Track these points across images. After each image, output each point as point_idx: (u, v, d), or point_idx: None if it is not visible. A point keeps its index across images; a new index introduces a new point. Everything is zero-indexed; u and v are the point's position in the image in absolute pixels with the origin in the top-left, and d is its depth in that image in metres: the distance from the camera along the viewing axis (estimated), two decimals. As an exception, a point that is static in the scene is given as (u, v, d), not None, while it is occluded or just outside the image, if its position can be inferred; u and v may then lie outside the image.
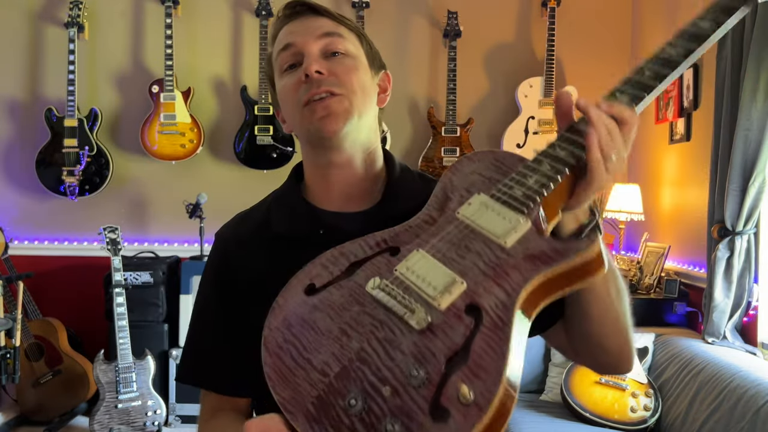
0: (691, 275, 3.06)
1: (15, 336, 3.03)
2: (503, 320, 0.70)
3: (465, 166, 0.89)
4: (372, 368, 0.72)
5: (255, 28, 3.80)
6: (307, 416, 0.72)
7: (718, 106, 2.63)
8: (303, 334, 0.78)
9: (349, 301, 0.79)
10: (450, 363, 0.69)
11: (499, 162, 0.87)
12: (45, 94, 3.90)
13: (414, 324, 0.73)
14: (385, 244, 0.84)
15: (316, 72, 0.93)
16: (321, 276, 0.83)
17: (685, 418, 2.35)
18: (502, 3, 3.94)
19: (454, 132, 3.76)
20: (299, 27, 0.97)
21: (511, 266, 0.75)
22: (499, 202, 0.81)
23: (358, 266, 0.83)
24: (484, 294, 0.73)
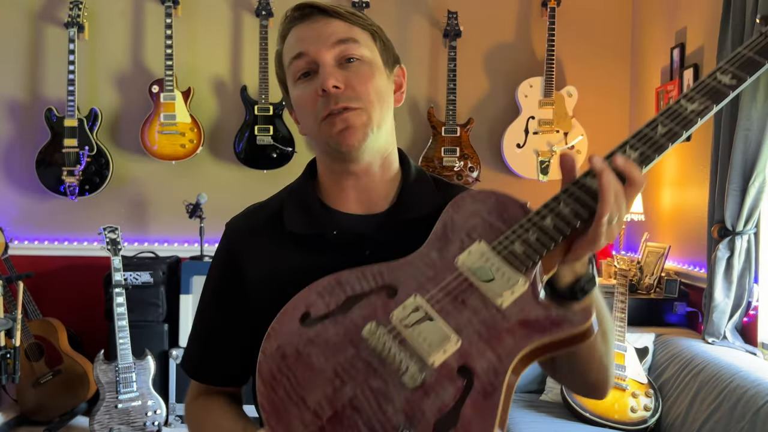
0: (691, 275, 3.06)
1: (15, 336, 3.03)
2: (494, 386, 0.72)
3: (467, 204, 0.89)
4: (364, 418, 0.74)
5: (255, 28, 3.80)
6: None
7: (718, 106, 2.62)
8: (297, 368, 0.80)
9: (344, 342, 0.80)
10: (438, 424, 0.71)
11: (501, 207, 0.87)
12: (45, 94, 3.90)
13: (407, 381, 0.75)
14: (382, 279, 0.85)
15: (333, 87, 0.92)
16: (317, 305, 0.84)
17: (685, 418, 2.35)
18: (502, 3, 3.94)
19: (454, 132, 3.76)
20: (311, 33, 0.95)
21: (505, 330, 0.76)
22: (500, 257, 0.81)
23: (355, 301, 0.83)
24: (476, 356, 0.75)
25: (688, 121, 0.82)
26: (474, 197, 0.89)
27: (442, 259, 0.84)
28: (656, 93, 3.47)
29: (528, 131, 3.76)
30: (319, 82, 0.93)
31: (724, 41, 2.59)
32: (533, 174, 3.75)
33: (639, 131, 0.84)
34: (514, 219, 0.84)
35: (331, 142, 0.94)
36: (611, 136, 3.93)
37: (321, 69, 0.93)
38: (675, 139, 0.82)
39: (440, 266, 0.83)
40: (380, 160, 1.00)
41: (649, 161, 0.82)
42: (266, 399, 0.78)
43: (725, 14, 2.60)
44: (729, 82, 0.82)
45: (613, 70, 3.93)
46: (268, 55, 3.74)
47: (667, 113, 0.83)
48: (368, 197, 1.00)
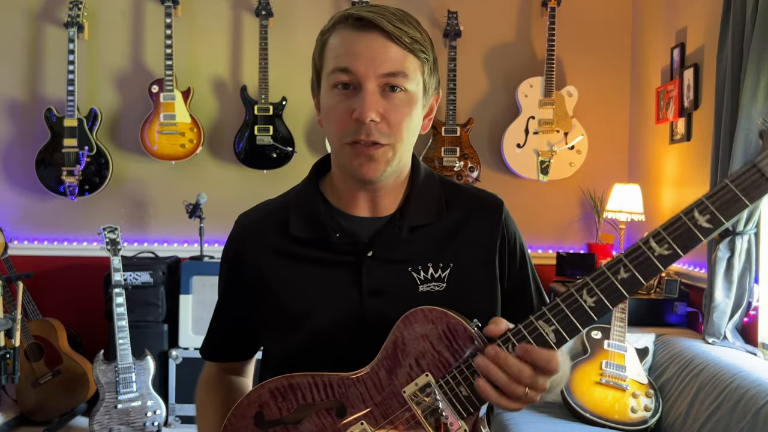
0: (692, 275, 3.06)
1: (15, 336, 3.02)
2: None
3: (419, 325, 0.90)
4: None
5: (255, 28, 3.79)
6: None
7: (718, 106, 2.63)
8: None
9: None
10: None
11: (451, 335, 0.88)
12: (45, 94, 3.90)
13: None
14: (333, 394, 0.90)
15: (371, 120, 0.91)
16: (269, 407, 0.91)
17: (685, 419, 2.35)
18: (502, 3, 3.93)
19: (454, 132, 3.76)
20: (365, 50, 0.91)
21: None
22: (446, 398, 0.86)
23: (305, 412, 0.90)
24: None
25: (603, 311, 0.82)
26: (426, 316, 0.90)
27: (390, 384, 0.89)
28: (656, 93, 3.47)
29: (528, 131, 3.76)
30: (359, 110, 0.91)
31: (724, 41, 2.59)
32: (533, 174, 3.75)
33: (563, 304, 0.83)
34: (462, 351, 0.87)
35: (349, 167, 0.96)
36: (611, 136, 3.93)
37: (364, 94, 0.91)
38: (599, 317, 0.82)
39: (388, 392, 0.89)
40: (393, 177, 1.01)
41: (564, 341, 0.83)
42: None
43: (725, 14, 2.60)
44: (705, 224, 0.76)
45: (613, 70, 3.93)
46: (268, 55, 3.74)
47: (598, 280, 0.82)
48: (377, 203, 1.02)
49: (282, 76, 3.83)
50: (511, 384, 0.82)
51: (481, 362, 0.83)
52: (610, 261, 0.81)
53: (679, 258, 0.78)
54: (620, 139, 3.95)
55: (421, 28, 0.97)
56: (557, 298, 0.83)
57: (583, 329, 0.82)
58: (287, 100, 3.79)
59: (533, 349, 0.82)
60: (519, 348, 0.82)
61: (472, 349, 0.86)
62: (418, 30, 0.96)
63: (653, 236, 0.78)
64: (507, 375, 0.82)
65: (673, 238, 0.77)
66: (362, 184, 0.99)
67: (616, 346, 2.65)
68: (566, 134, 3.73)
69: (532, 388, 0.83)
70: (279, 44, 3.83)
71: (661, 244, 0.77)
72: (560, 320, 0.82)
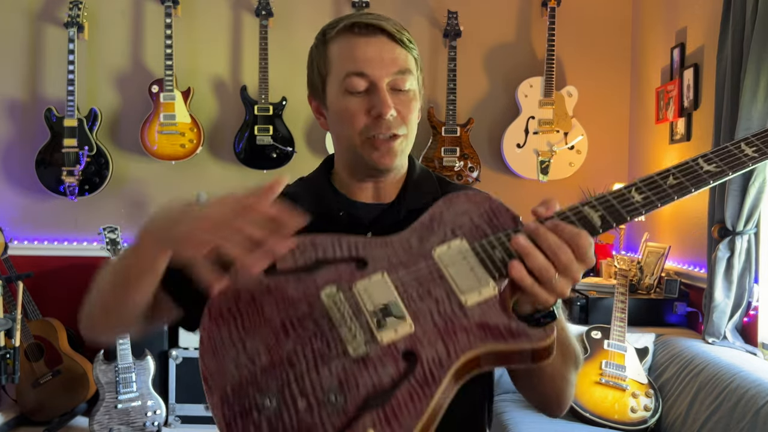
0: (692, 275, 3.06)
1: (15, 336, 3.03)
2: (434, 377, 0.72)
3: (460, 203, 0.89)
4: (296, 374, 0.74)
5: (255, 28, 3.79)
6: (222, 396, 0.74)
7: (718, 106, 2.63)
8: (247, 312, 0.80)
9: (300, 299, 0.80)
10: (369, 399, 0.71)
11: (493, 214, 0.86)
12: (45, 94, 3.90)
13: (350, 349, 0.74)
14: (356, 251, 0.85)
15: (390, 115, 0.99)
16: (285, 260, 0.84)
17: (685, 419, 2.35)
18: (502, 3, 3.93)
19: (454, 132, 3.76)
20: (375, 54, 1.00)
21: (462, 327, 0.76)
22: (477, 258, 0.81)
23: (323, 265, 0.84)
24: (426, 345, 0.74)
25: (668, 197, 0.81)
26: (469, 198, 0.89)
27: (420, 247, 0.85)
28: (656, 93, 3.47)
29: (528, 131, 3.76)
30: (378, 107, 0.98)
31: (724, 41, 2.59)
32: (533, 174, 3.75)
33: (615, 192, 0.83)
34: (503, 228, 0.83)
35: (369, 161, 1.02)
36: (611, 136, 3.93)
37: (379, 94, 0.99)
38: (650, 209, 0.81)
39: (416, 252, 0.84)
40: (399, 169, 1.08)
41: (608, 227, 0.81)
42: (207, 334, 0.79)
43: (725, 14, 2.60)
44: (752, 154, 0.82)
45: (613, 70, 3.93)
46: (268, 55, 3.74)
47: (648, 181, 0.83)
48: (379, 192, 1.09)
49: (282, 76, 3.83)
50: (545, 265, 0.77)
51: (520, 240, 0.78)
52: (660, 171, 0.83)
53: (725, 177, 0.81)
54: (620, 139, 3.95)
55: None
56: (605, 194, 0.83)
57: (629, 219, 0.81)
58: (287, 100, 3.79)
59: (575, 229, 0.78)
60: (561, 225, 0.79)
61: (513, 227, 0.83)
62: (407, 30, 1.06)
63: (701, 157, 0.83)
64: (544, 254, 0.77)
65: (720, 159, 0.82)
66: (377, 174, 1.05)
67: (616, 346, 2.65)
68: (566, 134, 3.73)
69: (566, 274, 0.77)
70: (279, 44, 3.83)
71: (710, 162, 0.82)
72: (606, 208, 0.81)
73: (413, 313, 0.77)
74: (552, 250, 0.77)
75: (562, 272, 0.77)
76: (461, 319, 0.76)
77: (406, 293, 0.79)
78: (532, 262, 0.77)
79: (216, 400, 0.74)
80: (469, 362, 0.74)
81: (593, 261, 0.79)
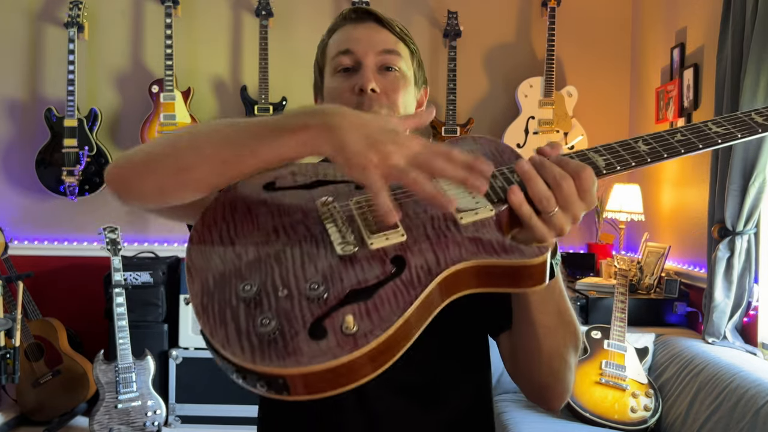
0: (692, 275, 3.06)
1: (15, 336, 3.03)
2: (420, 281, 0.70)
3: (467, 143, 0.91)
4: (281, 270, 0.72)
5: (255, 28, 3.80)
6: (203, 284, 0.73)
7: (718, 106, 2.63)
8: (241, 221, 0.80)
9: (295, 208, 0.81)
10: (352, 293, 0.69)
11: (498, 153, 0.87)
12: (45, 94, 3.90)
13: (339, 249, 0.74)
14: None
15: (371, 90, 0.99)
16: (285, 179, 0.86)
17: (685, 419, 2.35)
18: (502, 3, 3.94)
19: (454, 132, 3.76)
20: (363, 35, 1.04)
21: (454, 241, 0.74)
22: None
23: (322, 184, 0.85)
24: (416, 253, 0.73)
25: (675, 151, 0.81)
26: (476, 140, 0.91)
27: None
28: (656, 93, 3.47)
29: (528, 131, 3.76)
30: (360, 81, 1.00)
31: (724, 41, 2.59)
32: (533, 174, 3.75)
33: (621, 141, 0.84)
34: (506, 164, 0.83)
35: None
36: (611, 136, 3.93)
37: (363, 70, 1.01)
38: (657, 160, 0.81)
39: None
40: None
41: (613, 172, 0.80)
42: (198, 235, 0.78)
43: (725, 14, 2.60)
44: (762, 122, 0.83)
45: (613, 69, 3.93)
46: (268, 55, 3.74)
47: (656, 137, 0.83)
48: None
49: (282, 76, 3.83)
50: (546, 194, 0.74)
51: (524, 165, 0.76)
52: (667, 129, 0.84)
53: (734, 139, 0.81)
54: (620, 140, 3.94)
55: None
56: (611, 143, 0.83)
57: (635, 166, 0.80)
58: (287, 100, 3.79)
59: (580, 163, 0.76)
60: (565, 159, 0.77)
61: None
62: (407, 29, 1.09)
63: (710, 121, 0.84)
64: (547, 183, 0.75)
65: (729, 123, 0.83)
66: None
67: (616, 346, 2.66)
68: (566, 134, 3.73)
69: (566, 209, 0.75)
70: (279, 44, 3.83)
71: (718, 125, 0.83)
72: (612, 153, 0.81)
73: (407, 226, 0.76)
74: (555, 179, 0.75)
75: (562, 205, 0.75)
76: (455, 234, 0.75)
77: (402, 209, 0.78)
78: (533, 188, 0.75)
79: (196, 288, 0.72)
80: (459, 274, 0.72)
81: (595, 201, 0.77)
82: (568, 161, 0.77)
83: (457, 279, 0.73)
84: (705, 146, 0.81)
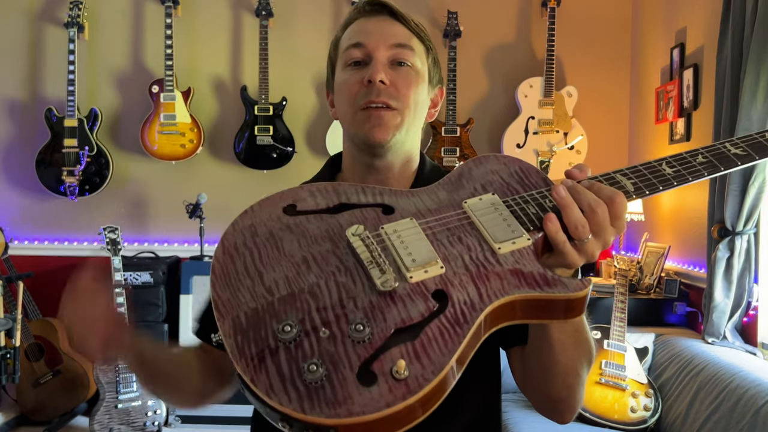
0: (691, 275, 3.06)
1: (15, 336, 3.03)
2: (466, 319, 0.67)
3: (490, 163, 0.87)
4: (319, 305, 0.69)
5: (255, 28, 3.80)
6: (235, 323, 0.68)
7: (718, 106, 2.63)
8: (265, 247, 0.75)
9: (323, 236, 0.76)
10: (397, 333, 0.66)
11: (524, 174, 0.85)
12: (45, 94, 3.90)
13: (378, 283, 0.70)
14: (381, 199, 0.82)
15: (380, 81, 0.97)
16: (306, 201, 0.81)
17: (685, 418, 2.35)
18: (502, 3, 3.94)
19: (454, 132, 3.76)
20: (375, 28, 1.01)
21: (494, 273, 0.72)
22: (510, 210, 0.79)
23: (347, 209, 0.80)
24: (458, 286, 0.71)
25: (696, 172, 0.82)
26: (499, 159, 0.88)
27: (449, 198, 0.82)
28: (656, 93, 3.47)
29: (528, 131, 3.76)
30: (369, 73, 0.97)
31: (724, 41, 2.59)
32: (533, 174, 3.75)
33: (648, 164, 0.84)
34: (534, 186, 0.82)
35: (360, 133, 0.99)
36: (611, 136, 3.93)
37: (373, 62, 0.99)
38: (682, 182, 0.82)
39: (446, 203, 0.81)
40: (401, 161, 1.04)
41: (641, 195, 0.80)
42: (220, 265, 0.73)
43: (725, 14, 2.60)
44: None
45: (613, 70, 3.93)
46: (268, 55, 3.74)
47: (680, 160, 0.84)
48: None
49: (282, 76, 3.83)
50: (581, 221, 0.74)
51: (561, 191, 0.75)
52: (688, 150, 0.85)
53: (752, 161, 0.83)
54: (620, 140, 3.95)
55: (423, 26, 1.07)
56: (636, 165, 0.83)
57: (662, 189, 0.80)
58: (287, 100, 3.79)
59: (613, 189, 0.77)
60: (598, 184, 0.77)
61: (544, 187, 0.81)
62: (420, 24, 1.05)
63: (728, 141, 0.84)
64: (582, 210, 0.75)
65: (747, 145, 0.84)
66: (372, 157, 1.01)
67: (616, 346, 2.66)
68: (566, 134, 3.73)
69: (598, 235, 0.75)
70: (279, 44, 3.83)
71: (736, 146, 0.84)
72: (639, 177, 0.81)
73: (444, 256, 0.73)
74: (591, 206, 0.74)
75: (595, 231, 0.75)
76: (494, 266, 0.73)
77: (436, 238, 0.76)
78: (569, 215, 0.74)
79: (227, 328, 0.67)
80: (502, 308, 0.71)
81: (624, 227, 0.77)
82: (600, 187, 0.77)
83: (500, 312, 0.71)
84: (726, 168, 0.82)
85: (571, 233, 0.74)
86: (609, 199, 0.75)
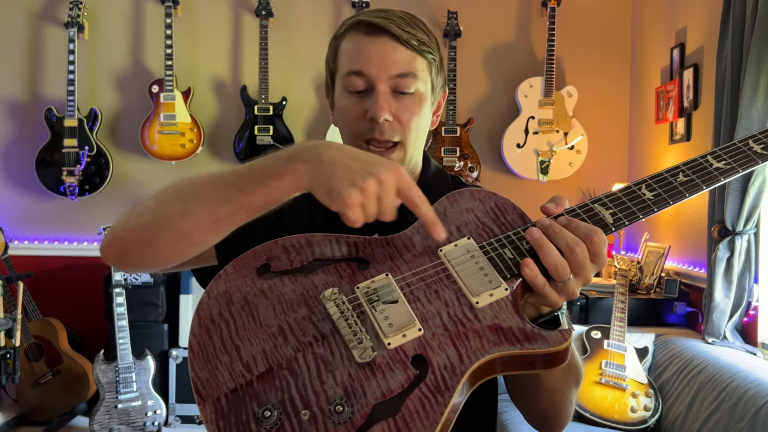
0: (691, 275, 3.06)
1: (15, 336, 3.03)
2: (447, 385, 0.67)
3: (464, 200, 0.85)
4: (298, 384, 0.69)
5: (255, 28, 3.80)
6: (216, 407, 0.68)
7: (718, 106, 2.63)
8: (240, 316, 0.75)
9: (298, 301, 0.76)
10: (378, 408, 0.66)
11: (499, 211, 0.83)
12: (45, 94, 3.90)
13: (356, 355, 0.70)
14: (356, 251, 0.80)
15: (384, 119, 0.95)
16: (279, 259, 0.80)
17: (685, 418, 2.35)
18: (502, 3, 3.94)
19: (454, 132, 3.76)
20: (377, 54, 0.96)
21: (473, 330, 0.71)
22: (486, 257, 0.77)
23: (322, 265, 0.79)
24: (437, 349, 0.70)
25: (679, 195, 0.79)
26: (474, 195, 0.86)
27: (424, 245, 0.80)
28: (656, 93, 3.47)
29: (528, 131, 3.76)
30: (372, 110, 0.95)
31: (724, 41, 2.59)
32: (533, 174, 3.75)
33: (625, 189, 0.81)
34: (510, 226, 0.80)
35: None
36: (611, 136, 3.93)
37: (377, 96, 0.96)
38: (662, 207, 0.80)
39: (421, 251, 0.80)
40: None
41: (622, 226, 0.78)
42: (198, 341, 0.73)
43: (725, 14, 2.60)
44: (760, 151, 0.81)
45: (613, 69, 3.93)
46: (268, 55, 3.74)
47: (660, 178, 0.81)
48: None
49: (282, 76, 3.83)
50: (560, 262, 0.72)
51: (535, 232, 0.74)
52: (668, 168, 0.82)
53: (735, 174, 0.79)
54: (620, 139, 3.95)
55: (427, 30, 1.02)
56: (614, 191, 0.80)
57: (642, 217, 0.78)
58: (287, 100, 3.79)
59: (590, 225, 0.75)
60: (575, 221, 0.75)
61: (521, 225, 0.80)
62: (424, 32, 1.01)
63: (710, 154, 0.82)
64: (559, 250, 0.73)
65: (730, 156, 0.81)
66: None
67: (616, 346, 2.66)
68: (566, 134, 3.73)
69: (578, 273, 0.73)
70: (279, 44, 3.83)
71: (719, 159, 0.81)
72: (617, 206, 0.78)
73: (421, 316, 0.73)
74: (568, 246, 0.73)
75: (575, 271, 0.73)
76: (473, 322, 0.72)
77: (413, 295, 0.75)
78: (546, 257, 0.73)
79: (209, 412, 0.68)
80: (483, 367, 0.70)
81: (606, 261, 0.76)
82: (578, 224, 0.75)
83: (482, 371, 0.71)
84: (708, 186, 0.80)
85: (551, 275, 0.73)
86: (587, 238, 0.74)
